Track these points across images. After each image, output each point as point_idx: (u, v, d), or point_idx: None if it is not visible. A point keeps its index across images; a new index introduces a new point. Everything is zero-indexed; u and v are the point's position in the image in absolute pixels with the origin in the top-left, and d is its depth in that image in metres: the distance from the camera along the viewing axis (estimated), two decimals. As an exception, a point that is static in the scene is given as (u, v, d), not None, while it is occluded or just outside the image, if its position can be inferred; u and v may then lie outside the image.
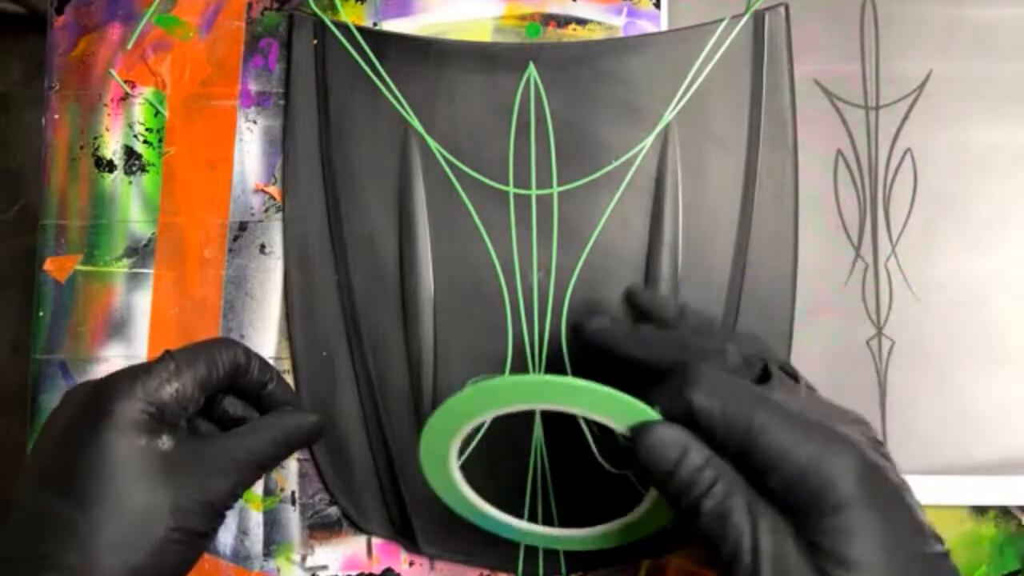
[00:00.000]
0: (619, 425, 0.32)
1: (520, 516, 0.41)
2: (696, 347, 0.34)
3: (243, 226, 0.45)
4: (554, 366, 0.43)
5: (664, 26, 0.45)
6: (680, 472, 0.29)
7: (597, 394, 0.32)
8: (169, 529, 0.33)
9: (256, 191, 0.45)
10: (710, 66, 0.44)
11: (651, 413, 0.31)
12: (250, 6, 0.46)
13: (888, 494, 0.29)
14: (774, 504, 0.28)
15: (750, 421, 0.29)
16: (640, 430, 0.30)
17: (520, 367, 0.43)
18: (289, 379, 0.44)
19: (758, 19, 0.45)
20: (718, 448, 0.29)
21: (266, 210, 0.45)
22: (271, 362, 0.44)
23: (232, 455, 0.36)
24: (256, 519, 0.44)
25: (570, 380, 0.32)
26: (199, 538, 0.34)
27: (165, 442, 0.34)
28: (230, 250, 0.45)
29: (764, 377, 0.34)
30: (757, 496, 0.28)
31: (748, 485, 0.29)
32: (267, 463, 0.37)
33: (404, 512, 0.43)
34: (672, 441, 0.29)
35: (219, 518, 0.35)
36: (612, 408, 0.32)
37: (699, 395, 0.29)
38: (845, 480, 0.27)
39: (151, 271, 0.45)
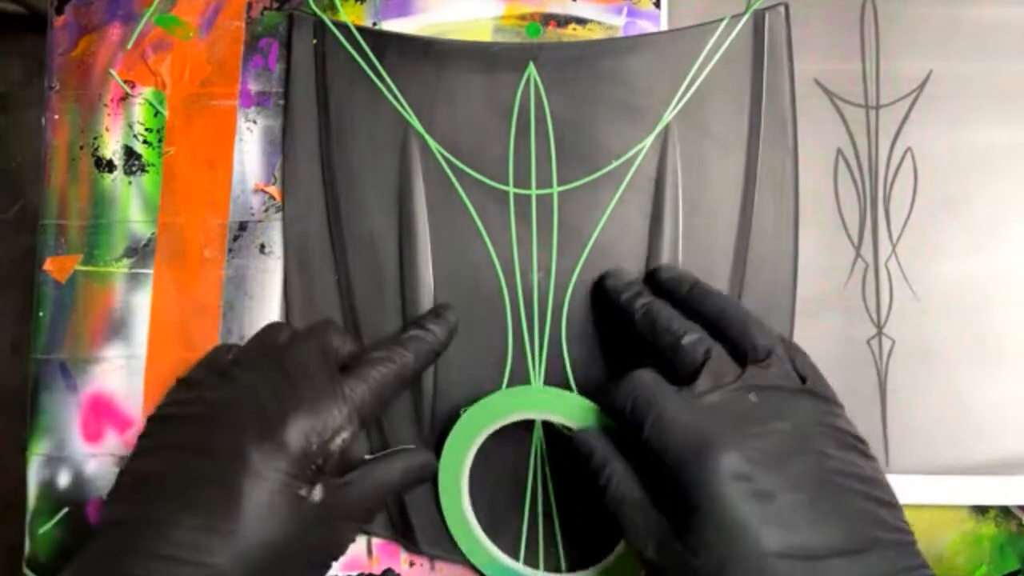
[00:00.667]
0: (574, 424, 0.39)
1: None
2: (677, 334, 0.38)
3: (243, 226, 0.45)
4: (554, 365, 0.43)
5: (664, 26, 0.45)
6: (592, 467, 0.36)
7: (557, 399, 0.40)
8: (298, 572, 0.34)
9: (256, 191, 0.45)
10: (710, 66, 0.44)
11: (593, 411, 0.39)
12: (250, 6, 0.46)
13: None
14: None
15: (644, 422, 0.34)
16: (575, 434, 0.38)
17: (520, 367, 0.43)
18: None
19: (758, 19, 0.45)
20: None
21: (266, 210, 0.45)
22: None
23: (365, 504, 0.36)
24: (256, 519, 0.44)
25: (531, 389, 0.42)
26: None
27: (316, 493, 0.34)
28: (230, 250, 0.45)
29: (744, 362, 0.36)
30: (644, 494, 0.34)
31: (639, 484, 0.35)
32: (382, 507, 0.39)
33: (404, 512, 0.43)
34: (584, 445, 0.37)
35: (335, 559, 0.36)
36: (566, 410, 0.40)
37: (617, 395, 0.36)
38: (701, 484, 0.31)
39: (151, 271, 0.45)
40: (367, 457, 0.38)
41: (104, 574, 0.31)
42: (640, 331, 0.39)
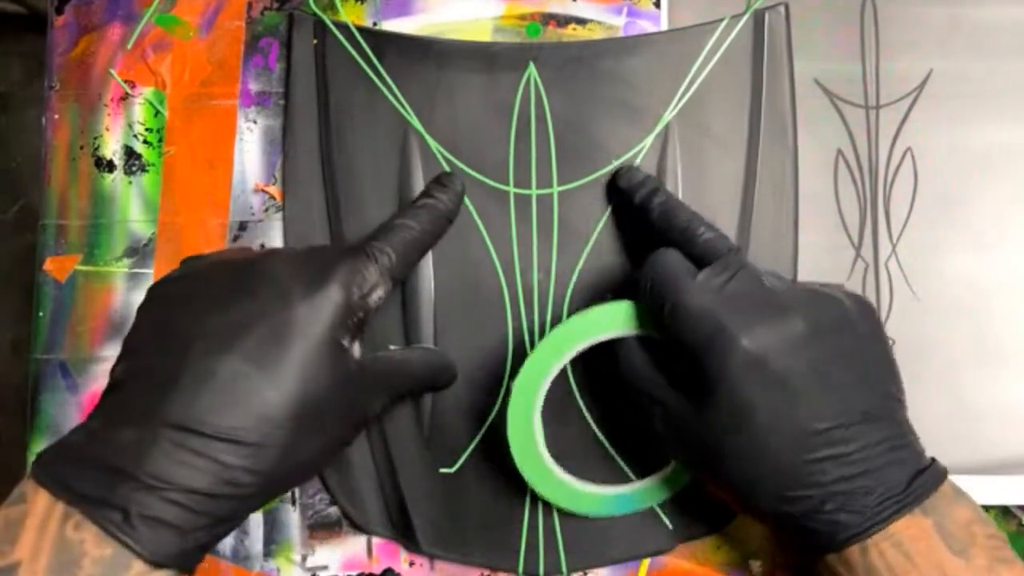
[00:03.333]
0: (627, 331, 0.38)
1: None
2: (696, 231, 0.39)
3: (243, 226, 0.45)
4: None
5: (664, 26, 0.45)
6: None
7: (599, 315, 0.38)
8: (333, 436, 0.34)
9: (256, 191, 0.45)
10: (710, 66, 0.44)
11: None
12: (250, 6, 0.46)
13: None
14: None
15: (664, 304, 0.35)
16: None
17: (520, 367, 0.43)
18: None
19: (758, 19, 0.45)
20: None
21: (266, 210, 0.45)
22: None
23: (393, 377, 0.37)
24: (256, 519, 0.44)
25: (576, 316, 0.39)
26: (338, 453, 0.36)
27: (356, 349, 0.34)
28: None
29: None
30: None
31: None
32: (407, 392, 0.40)
33: (404, 512, 0.43)
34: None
35: (360, 429, 0.37)
36: (612, 321, 0.38)
37: (641, 275, 0.36)
38: (716, 368, 0.33)
39: (151, 271, 0.45)
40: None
41: (138, 420, 0.30)
42: (658, 228, 0.40)
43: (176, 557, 0.29)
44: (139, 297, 0.44)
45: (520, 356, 0.43)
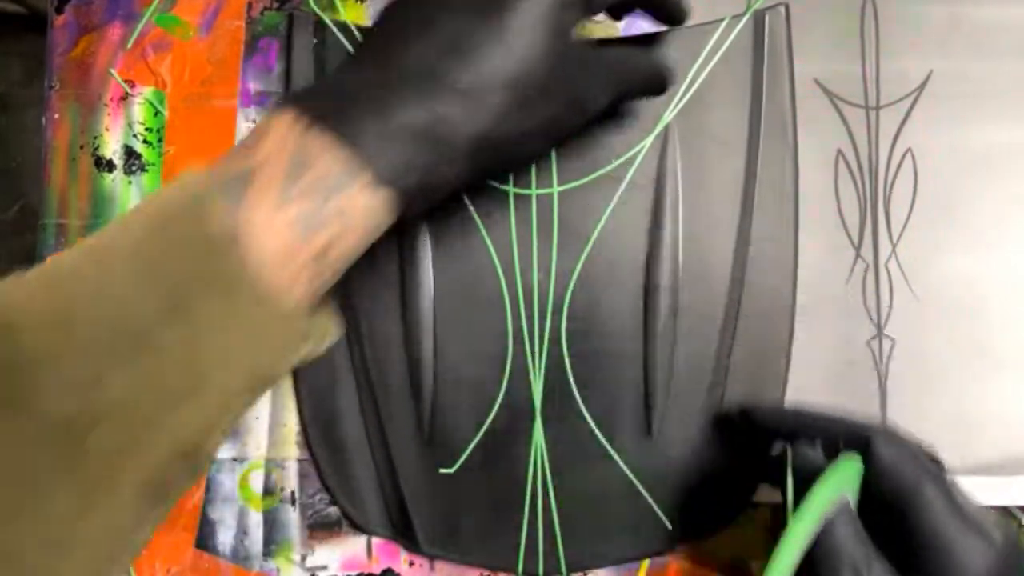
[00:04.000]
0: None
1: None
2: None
3: (243, 226, 0.45)
4: (554, 365, 0.43)
5: (664, 26, 0.45)
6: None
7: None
8: (554, 115, 0.33)
9: (256, 191, 0.45)
10: (710, 66, 0.44)
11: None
12: (250, 5, 0.46)
13: None
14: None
15: (917, 485, 0.33)
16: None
17: (520, 367, 0.43)
18: (287, 379, 0.44)
19: (758, 19, 0.45)
20: (875, 499, 0.34)
21: (266, 210, 0.45)
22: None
23: (618, 69, 0.36)
24: (256, 519, 0.44)
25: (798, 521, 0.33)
26: (558, 139, 0.35)
27: (574, 33, 0.33)
28: (230, 250, 0.45)
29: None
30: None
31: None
32: (630, 90, 0.38)
33: (404, 512, 0.43)
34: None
35: (582, 119, 0.35)
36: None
37: (879, 443, 0.34)
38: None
39: (151, 271, 0.45)
40: None
41: (378, 64, 0.31)
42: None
43: (394, 183, 0.30)
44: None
45: (520, 356, 0.43)
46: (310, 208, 0.29)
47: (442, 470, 0.43)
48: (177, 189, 0.29)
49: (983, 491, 0.43)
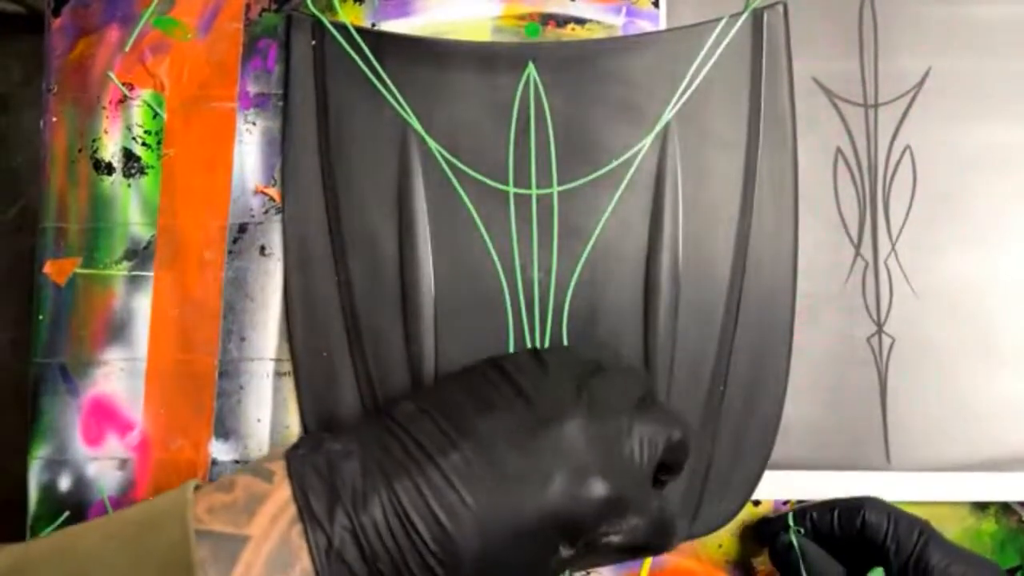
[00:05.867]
0: None
1: None
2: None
3: (243, 228, 0.45)
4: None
5: (663, 25, 0.45)
6: None
7: None
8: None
9: (256, 193, 0.45)
10: (709, 65, 0.44)
11: None
12: (248, 7, 0.46)
13: None
14: None
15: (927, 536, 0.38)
16: None
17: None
18: (289, 380, 0.44)
19: (757, 17, 0.45)
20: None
21: (266, 211, 0.45)
22: (270, 363, 0.44)
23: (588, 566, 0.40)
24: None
25: None
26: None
27: (565, 551, 0.34)
28: (230, 252, 0.45)
29: None
30: None
31: None
32: None
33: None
34: None
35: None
36: None
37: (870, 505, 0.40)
38: None
39: (151, 273, 0.45)
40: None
41: (376, 477, 0.32)
42: None
43: None
44: (139, 300, 0.44)
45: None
46: None
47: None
48: (170, 520, 0.30)
49: (983, 487, 0.43)
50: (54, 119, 0.46)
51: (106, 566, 0.30)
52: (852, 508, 0.40)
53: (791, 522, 0.41)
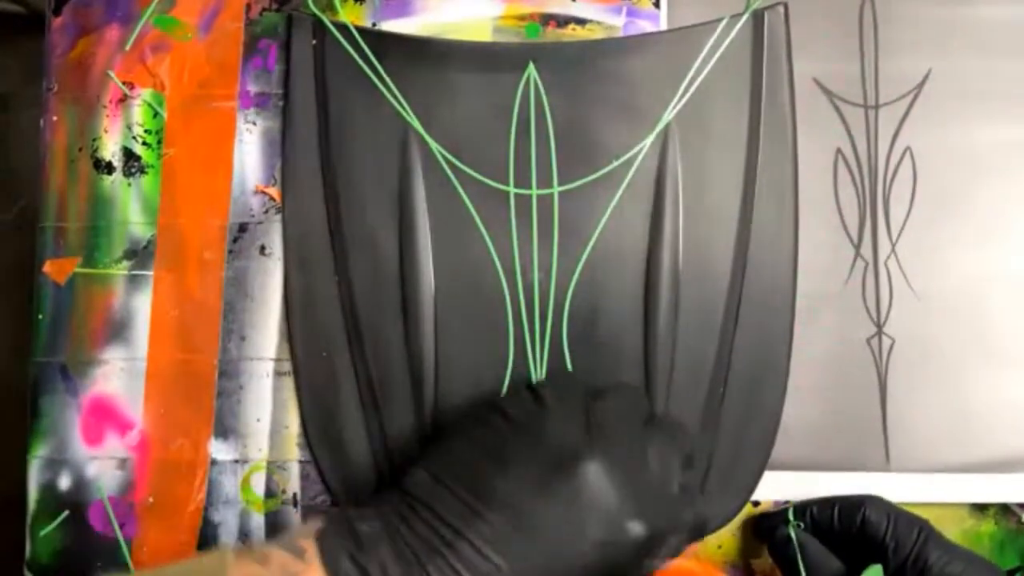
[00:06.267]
0: None
1: None
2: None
3: (243, 227, 0.45)
4: (555, 365, 0.43)
5: (664, 26, 0.45)
6: None
7: None
8: None
9: (256, 193, 0.45)
10: (710, 66, 0.44)
11: None
12: (249, 7, 0.46)
13: None
14: None
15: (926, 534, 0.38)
16: None
17: (521, 366, 0.43)
18: (289, 380, 0.44)
19: (757, 18, 0.45)
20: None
21: (266, 211, 0.45)
22: (270, 363, 0.44)
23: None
24: (258, 521, 0.44)
25: None
26: None
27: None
28: (230, 251, 0.45)
29: None
30: None
31: None
32: None
33: (405, 513, 0.43)
34: None
35: None
36: None
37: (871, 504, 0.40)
38: None
39: (151, 273, 0.45)
40: None
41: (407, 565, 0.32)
42: None
43: None
44: (139, 299, 0.44)
45: (521, 356, 0.43)
46: None
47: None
48: None
49: (982, 489, 0.43)
50: (54, 118, 0.46)
51: None
52: (853, 505, 0.40)
53: (791, 516, 0.41)
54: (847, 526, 0.40)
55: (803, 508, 0.41)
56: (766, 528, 0.42)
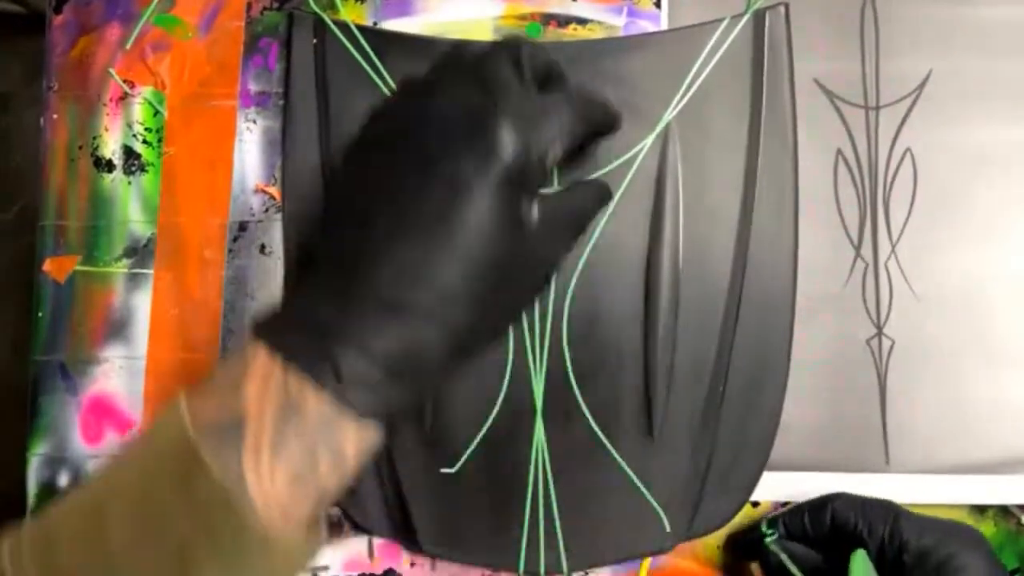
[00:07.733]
0: None
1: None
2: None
3: (243, 226, 0.45)
4: (555, 365, 0.43)
5: (664, 26, 0.45)
6: None
7: None
8: (521, 293, 0.34)
9: (256, 191, 0.45)
10: (710, 66, 0.44)
11: None
12: (249, 6, 0.46)
13: None
14: None
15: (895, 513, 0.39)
16: None
17: (521, 367, 0.43)
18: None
19: (758, 19, 0.45)
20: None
21: (266, 210, 0.45)
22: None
23: (572, 223, 0.35)
24: (256, 519, 0.44)
25: None
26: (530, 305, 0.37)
27: (534, 211, 0.32)
28: (230, 250, 0.45)
29: None
30: None
31: None
32: (583, 231, 0.37)
33: (405, 512, 0.43)
34: None
35: (552, 270, 0.37)
36: None
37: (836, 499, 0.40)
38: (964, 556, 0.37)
39: (151, 271, 0.45)
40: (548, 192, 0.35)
41: (337, 296, 0.31)
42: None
43: (382, 414, 0.31)
44: (139, 298, 0.44)
45: (521, 356, 0.43)
46: (306, 458, 0.29)
47: (443, 470, 0.43)
48: (168, 436, 0.29)
49: (982, 490, 0.43)
50: (55, 116, 0.46)
51: (120, 494, 0.29)
52: (819, 507, 0.40)
53: (765, 529, 0.40)
54: (819, 528, 0.40)
55: (774, 521, 0.41)
56: (745, 544, 0.42)
